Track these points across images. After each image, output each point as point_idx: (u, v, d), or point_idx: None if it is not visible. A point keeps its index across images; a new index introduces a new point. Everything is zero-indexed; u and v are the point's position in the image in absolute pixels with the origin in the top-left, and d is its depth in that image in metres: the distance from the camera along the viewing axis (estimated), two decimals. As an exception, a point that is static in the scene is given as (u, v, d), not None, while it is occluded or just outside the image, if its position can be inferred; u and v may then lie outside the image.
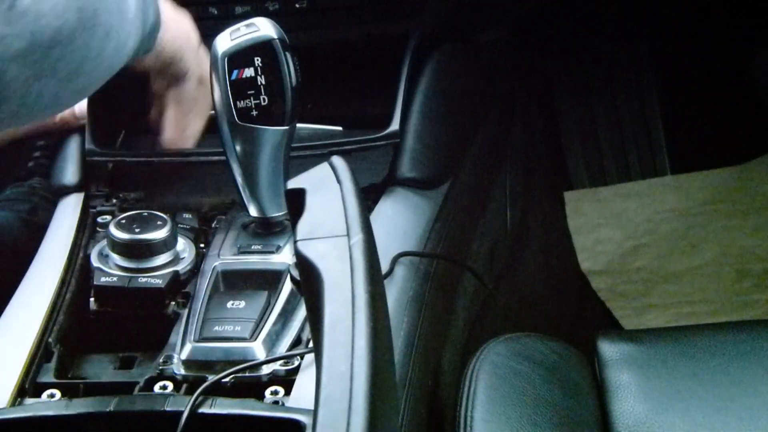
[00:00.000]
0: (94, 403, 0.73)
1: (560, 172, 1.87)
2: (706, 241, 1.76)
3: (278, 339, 0.83)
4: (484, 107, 1.36)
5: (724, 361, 0.99)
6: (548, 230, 1.73)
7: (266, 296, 0.85)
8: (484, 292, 1.27)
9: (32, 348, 0.83)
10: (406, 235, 1.00)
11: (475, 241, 1.25)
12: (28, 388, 0.80)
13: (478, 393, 0.93)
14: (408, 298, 0.93)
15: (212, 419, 0.71)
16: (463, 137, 1.23)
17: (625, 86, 1.90)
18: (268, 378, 0.79)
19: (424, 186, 1.06)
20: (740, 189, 1.83)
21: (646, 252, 1.75)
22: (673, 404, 0.96)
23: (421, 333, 0.93)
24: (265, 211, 0.93)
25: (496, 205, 1.40)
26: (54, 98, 0.74)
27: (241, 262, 0.90)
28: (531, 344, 1.01)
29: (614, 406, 0.97)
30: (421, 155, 1.07)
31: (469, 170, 1.22)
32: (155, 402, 0.74)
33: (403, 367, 0.87)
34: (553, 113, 1.89)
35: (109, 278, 0.88)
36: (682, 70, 1.89)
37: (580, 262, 1.75)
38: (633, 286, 1.71)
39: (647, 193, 1.85)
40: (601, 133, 1.90)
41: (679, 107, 1.90)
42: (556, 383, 0.97)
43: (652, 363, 1.00)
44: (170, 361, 0.81)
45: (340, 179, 0.58)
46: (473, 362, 0.97)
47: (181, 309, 0.87)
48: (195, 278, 0.90)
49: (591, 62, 1.90)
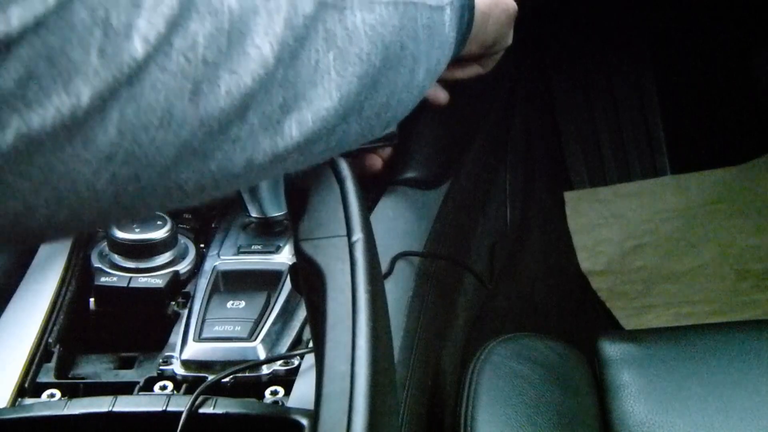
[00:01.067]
0: (94, 403, 0.73)
1: (560, 172, 1.87)
2: (706, 241, 1.76)
3: (278, 339, 0.83)
4: (484, 107, 1.36)
5: (724, 361, 0.99)
6: (548, 230, 1.73)
7: (266, 296, 0.85)
8: (484, 292, 1.27)
9: (32, 348, 0.83)
10: (406, 235, 1.00)
11: (475, 241, 1.25)
12: (28, 388, 0.80)
13: (478, 393, 0.93)
14: (408, 298, 0.93)
15: (212, 419, 0.71)
16: (463, 137, 1.23)
17: (625, 86, 1.90)
18: (268, 378, 0.79)
19: (424, 186, 1.06)
20: (740, 189, 1.83)
21: (646, 252, 1.75)
22: (673, 404, 0.96)
23: (421, 333, 0.93)
24: (265, 211, 0.93)
25: (496, 205, 1.40)
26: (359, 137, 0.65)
27: (241, 262, 0.90)
28: (531, 344, 1.01)
29: (614, 406, 0.97)
30: (421, 155, 1.07)
31: (469, 170, 1.22)
32: (155, 402, 0.74)
33: (403, 367, 0.87)
34: (553, 113, 1.89)
35: (109, 278, 0.88)
36: (682, 70, 1.89)
37: (580, 262, 1.75)
38: (633, 286, 1.70)
39: (647, 193, 1.85)
40: (601, 133, 1.90)
41: (679, 107, 1.90)
42: (556, 383, 0.97)
43: (652, 363, 1.00)
44: (170, 361, 0.81)
45: (341, 179, 0.58)
46: (473, 362, 0.97)
47: (181, 309, 0.87)
48: (195, 278, 0.90)
49: (591, 62, 1.90)
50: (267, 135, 0.52)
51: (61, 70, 0.41)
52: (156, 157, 0.47)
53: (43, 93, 0.41)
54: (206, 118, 0.48)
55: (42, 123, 0.41)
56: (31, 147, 0.42)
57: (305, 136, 0.54)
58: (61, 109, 0.42)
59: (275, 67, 0.51)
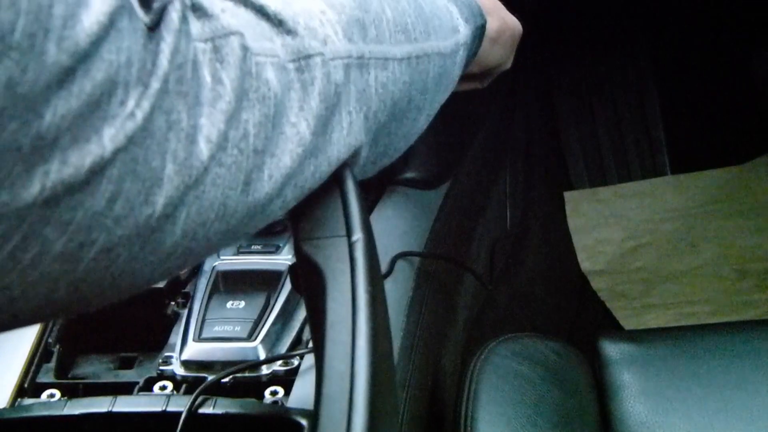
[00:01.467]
0: (93, 403, 0.73)
1: (560, 172, 1.87)
2: (706, 241, 1.76)
3: (278, 339, 0.83)
4: (484, 107, 1.36)
5: (724, 361, 0.99)
6: (548, 230, 1.73)
7: (266, 296, 0.85)
8: (484, 292, 1.27)
9: (32, 348, 0.83)
10: (406, 235, 1.00)
11: (475, 241, 1.25)
12: (27, 388, 0.80)
13: (478, 393, 0.93)
14: (408, 298, 0.93)
15: (211, 419, 0.71)
16: (463, 137, 1.23)
17: (625, 86, 1.90)
18: (267, 378, 0.79)
19: (424, 186, 1.06)
20: (740, 189, 1.83)
21: (646, 252, 1.75)
22: (673, 404, 0.96)
23: (421, 333, 0.93)
24: (265, 211, 0.93)
25: (496, 205, 1.40)
26: (393, 150, 0.65)
27: (241, 262, 0.90)
28: (531, 344, 1.01)
29: (614, 406, 0.97)
30: (421, 155, 1.07)
31: (469, 170, 1.22)
32: (155, 402, 0.74)
33: (403, 367, 0.87)
34: (553, 113, 1.89)
35: (109, 278, 0.88)
36: (682, 69, 1.89)
37: (580, 262, 1.75)
38: (633, 286, 1.70)
39: (647, 193, 1.85)
40: (601, 133, 1.90)
41: (679, 107, 1.90)
42: (556, 383, 0.97)
43: (652, 363, 1.00)
44: (170, 362, 0.81)
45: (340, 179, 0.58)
46: (473, 362, 0.97)
47: (181, 309, 0.87)
48: (195, 278, 0.90)
49: (591, 61, 1.90)
50: (293, 201, 0.53)
51: (144, 182, 0.41)
52: (206, 247, 0.47)
53: (129, 207, 0.40)
54: (253, 204, 0.48)
55: (122, 234, 0.41)
56: (109, 260, 0.41)
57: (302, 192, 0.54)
58: (139, 220, 0.41)
59: (312, 143, 0.51)
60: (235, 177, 0.46)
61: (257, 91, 0.47)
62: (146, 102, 0.40)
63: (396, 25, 0.61)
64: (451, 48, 0.68)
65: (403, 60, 0.61)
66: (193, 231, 0.45)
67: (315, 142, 0.52)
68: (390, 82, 0.59)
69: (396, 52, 0.60)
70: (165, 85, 0.41)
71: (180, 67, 0.42)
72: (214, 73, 0.44)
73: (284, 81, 0.49)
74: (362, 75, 0.56)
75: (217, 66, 0.45)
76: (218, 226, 0.46)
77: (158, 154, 0.41)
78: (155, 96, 0.40)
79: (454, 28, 0.70)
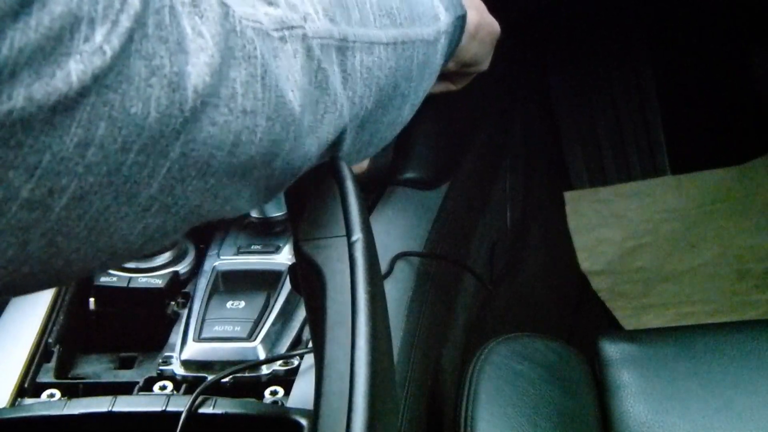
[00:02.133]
0: (93, 403, 0.73)
1: (560, 172, 1.87)
2: (706, 241, 1.76)
3: (278, 339, 0.83)
4: (483, 107, 1.36)
5: (724, 361, 0.99)
6: (548, 230, 1.73)
7: (266, 296, 0.85)
8: (484, 292, 1.27)
9: (32, 348, 0.83)
10: (406, 235, 1.00)
11: (475, 241, 1.25)
12: (27, 388, 0.80)
13: (478, 393, 0.93)
14: (408, 298, 0.93)
15: (211, 419, 0.71)
16: (463, 137, 1.23)
17: (625, 86, 1.90)
18: (267, 378, 0.79)
19: (424, 186, 1.06)
20: (740, 189, 1.83)
21: (646, 252, 1.75)
22: (673, 404, 0.96)
23: (421, 333, 0.93)
24: (265, 211, 0.92)
25: (496, 205, 1.40)
26: (378, 140, 0.65)
27: (241, 262, 0.90)
28: (531, 344, 1.01)
29: (614, 406, 0.97)
30: (421, 155, 1.07)
31: (469, 170, 1.21)
32: (155, 402, 0.74)
33: (403, 367, 0.87)
34: (553, 113, 1.89)
35: (109, 278, 0.88)
36: (682, 70, 1.89)
37: (580, 262, 1.75)
38: (633, 286, 1.70)
39: (647, 193, 1.85)
40: (601, 133, 1.90)
41: (679, 107, 1.90)
42: (556, 383, 0.97)
43: (652, 363, 1.00)
44: (170, 361, 0.81)
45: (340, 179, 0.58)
46: (473, 362, 0.97)
47: (181, 309, 0.87)
48: (195, 278, 0.90)
49: (590, 62, 1.90)
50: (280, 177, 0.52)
51: (121, 129, 0.40)
52: (183, 207, 0.46)
53: (102, 154, 0.40)
54: (236, 165, 0.47)
55: (94, 182, 0.40)
56: (81, 209, 0.41)
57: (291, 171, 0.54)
58: (112, 167, 0.41)
59: (300, 117, 0.50)
60: (225, 137, 0.45)
61: (243, 50, 0.46)
62: (116, 39, 0.39)
63: (380, 9, 0.60)
64: (434, 35, 0.68)
65: (389, 45, 0.60)
66: (170, 186, 0.44)
67: (303, 116, 0.51)
68: (376, 66, 0.58)
69: (381, 36, 0.60)
70: (142, 28, 0.40)
71: (157, 12, 0.41)
72: (194, 26, 0.44)
73: (269, 47, 0.49)
74: (347, 57, 0.56)
75: (197, 20, 0.44)
76: (197, 183, 0.46)
77: (138, 99, 0.40)
78: (127, 35, 0.39)
79: (435, 15, 0.70)
